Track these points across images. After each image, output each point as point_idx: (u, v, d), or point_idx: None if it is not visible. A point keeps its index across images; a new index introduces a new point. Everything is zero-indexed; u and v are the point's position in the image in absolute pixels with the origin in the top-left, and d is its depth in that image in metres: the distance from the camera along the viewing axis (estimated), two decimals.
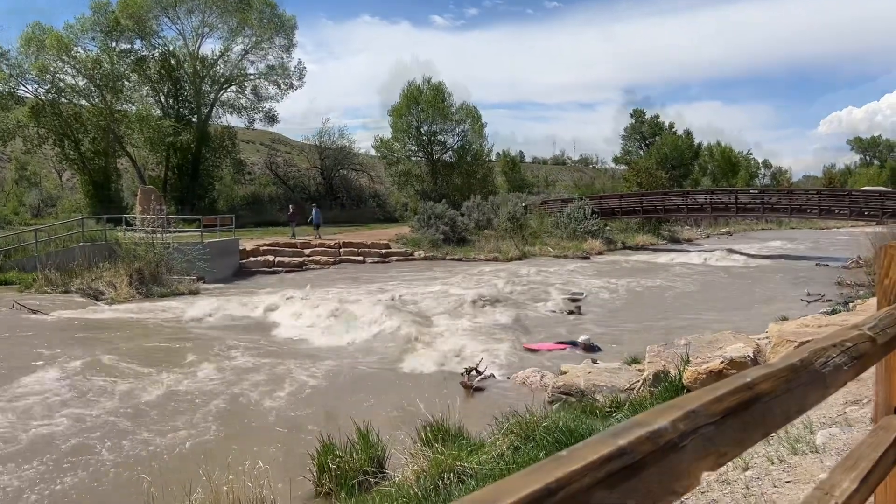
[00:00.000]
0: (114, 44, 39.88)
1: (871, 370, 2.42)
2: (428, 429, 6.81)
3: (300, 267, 28.71)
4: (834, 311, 14.02)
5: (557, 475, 0.85)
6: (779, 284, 23.94)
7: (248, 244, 29.06)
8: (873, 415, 2.41)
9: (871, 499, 2.24)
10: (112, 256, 22.58)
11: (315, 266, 29.15)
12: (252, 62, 44.32)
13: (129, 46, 40.85)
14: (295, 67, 45.21)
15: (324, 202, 47.57)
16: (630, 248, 39.26)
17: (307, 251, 30.13)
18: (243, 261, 27.65)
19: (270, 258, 28.56)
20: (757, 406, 1.28)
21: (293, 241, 31.22)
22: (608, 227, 40.07)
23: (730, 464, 4.80)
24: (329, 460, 6.68)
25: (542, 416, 6.99)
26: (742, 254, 35.26)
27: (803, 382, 1.44)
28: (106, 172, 40.08)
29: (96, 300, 20.01)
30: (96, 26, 38.91)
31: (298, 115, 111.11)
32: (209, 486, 5.13)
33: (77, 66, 38.46)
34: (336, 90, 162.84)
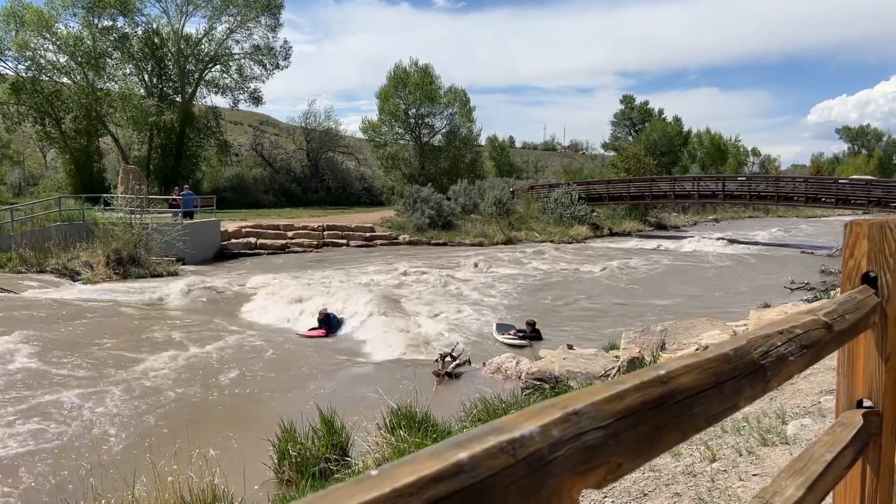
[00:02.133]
0: (96, 20, 39.05)
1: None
2: (392, 416, 6.59)
3: (282, 249, 28.39)
4: (816, 299, 13.90)
5: None
6: (763, 272, 23.86)
7: (230, 226, 28.66)
8: (835, 409, 2.19)
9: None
10: (90, 236, 22.19)
11: (298, 249, 28.83)
12: (237, 41, 43.63)
13: (111, 23, 40.03)
14: (281, 47, 44.56)
15: (309, 184, 47.12)
16: (617, 234, 39.13)
17: (290, 234, 29.78)
18: (225, 243, 27.28)
19: (252, 240, 28.21)
20: (671, 405, 1.04)
21: (275, 223, 30.85)
22: (595, 213, 39.86)
23: (696, 455, 4.62)
24: (290, 447, 6.46)
25: (510, 403, 6.79)
26: (728, 240, 35.19)
27: (736, 375, 1.21)
28: (88, 152, 39.42)
29: (72, 280, 19.68)
30: (78, 2, 38.04)
31: (291, 96, 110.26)
32: (154, 475, 4.90)
33: (58, 42, 37.70)
34: (332, 71, 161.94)
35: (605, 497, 4.19)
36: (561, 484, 0.81)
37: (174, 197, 27.38)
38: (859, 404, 2.03)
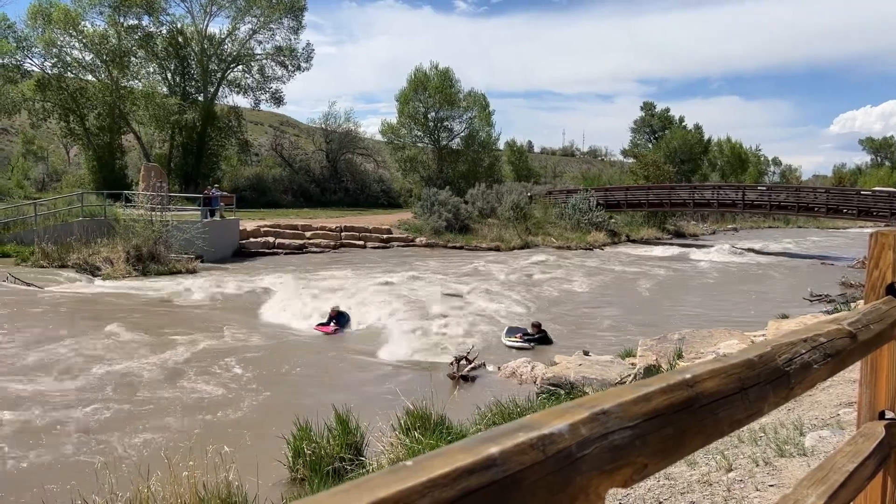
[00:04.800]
0: (121, 19, 39.51)
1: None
2: (407, 417, 6.61)
3: (300, 249, 28.53)
4: (836, 311, 13.75)
5: (380, 495, 0.63)
6: (782, 282, 23.64)
7: (248, 225, 28.86)
8: (856, 420, 2.18)
9: None
10: (111, 232, 22.42)
11: (315, 249, 28.96)
12: (260, 42, 43.98)
13: (136, 22, 40.50)
14: (303, 49, 44.85)
15: (328, 185, 47.37)
16: (634, 241, 38.93)
17: (308, 234, 29.93)
18: (243, 241, 27.46)
19: (271, 240, 28.37)
20: (697, 408, 1.05)
21: (293, 223, 31.05)
22: (613, 220, 39.69)
23: (713, 464, 4.60)
24: (305, 445, 6.49)
25: (526, 407, 6.79)
26: (747, 250, 34.90)
27: (761, 381, 1.22)
28: (111, 148, 39.89)
29: (92, 276, 19.89)
30: (104, 0, 38.54)
31: (312, 97, 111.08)
32: (169, 471, 4.94)
33: (84, 40, 38.15)
34: (353, 73, 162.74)
35: None
36: (588, 482, 0.83)
37: (206, 195, 27.56)
38: (881, 416, 2.02)
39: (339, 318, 14.13)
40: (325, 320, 14.24)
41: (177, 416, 8.41)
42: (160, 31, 41.53)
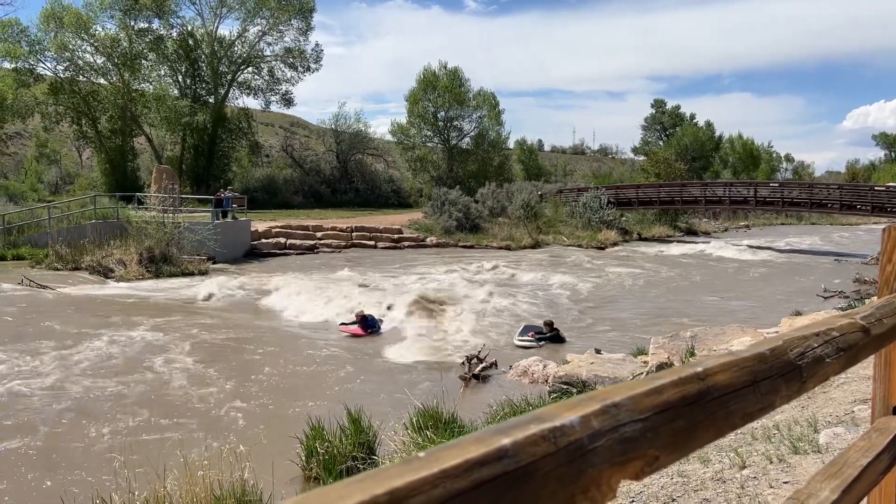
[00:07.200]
0: (132, 22, 39.76)
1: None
2: (419, 416, 6.62)
3: (311, 250, 28.63)
4: (850, 307, 13.64)
5: (395, 485, 0.64)
6: (796, 279, 23.50)
7: (260, 226, 28.98)
8: (871, 415, 2.17)
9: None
10: (123, 234, 22.58)
11: (326, 249, 29.04)
12: (269, 44, 44.19)
13: (147, 25, 40.75)
14: (312, 50, 45.02)
15: (339, 186, 47.52)
16: (646, 239, 38.80)
17: (319, 234, 30.02)
18: (255, 242, 27.58)
19: (282, 240, 28.48)
20: (708, 401, 1.05)
21: (304, 223, 31.16)
22: (624, 218, 39.56)
23: (726, 461, 4.58)
24: (317, 445, 6.52)
25: (537, 406, 6.77)
26: (760, 247, 34.71)
27: (773, 375, 1.22)
28: (122, 151, 40.17)
29: (105, 277, 20.03)
30: (115, 4, 38.76)
31: (321, 98, 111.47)
32: (185, 470, 4.98)
33: (95, 44, 38.44)
34: (362, 74, 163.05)
35: (633, 501, 4.17)
36: (600, 473, 0.83)
37: (218, 197, 27.73)
38: (895, 410, 2.01)
39: (365, 322, 13.89)
40: (350, 322, 14.07)
41: (192, 415, 8.46)
42: (170, 34, 41.79)
